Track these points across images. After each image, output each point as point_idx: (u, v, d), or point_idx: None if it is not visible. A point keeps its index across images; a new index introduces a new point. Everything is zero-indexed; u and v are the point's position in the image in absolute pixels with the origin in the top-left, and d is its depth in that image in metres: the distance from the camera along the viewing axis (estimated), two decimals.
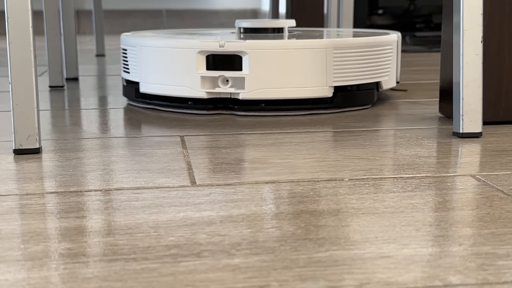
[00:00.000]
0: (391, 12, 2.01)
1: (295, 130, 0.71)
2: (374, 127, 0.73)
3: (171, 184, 0.51)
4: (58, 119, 0.78)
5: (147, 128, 0.72)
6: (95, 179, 0.52)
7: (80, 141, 0.66)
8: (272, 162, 0.57)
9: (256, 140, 0.66)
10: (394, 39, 0.87)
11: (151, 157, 0.59)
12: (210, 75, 0.78)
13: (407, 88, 0.98)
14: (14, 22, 0.59)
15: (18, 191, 0.49)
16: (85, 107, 0.86)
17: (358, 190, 0.49)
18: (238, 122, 0.76)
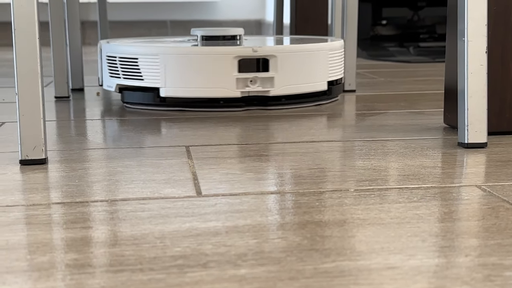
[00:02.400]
0: (395, 23, 2.01)
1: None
2: (379, 137, 0.73)
3: (177, 195, 0.51)
4: (63, 130, 0.78)
5: (153, 138, 0.73)
6: (101, 190, 0.52)
7: (86, 152, 0.66)
8: (277, 173, 0.57)
9: (262, 150, 0.66)
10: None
11: (156, 168, 0.60)
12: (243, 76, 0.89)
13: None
14: (21, 33, 0.59)
15: (25, 201, 0.49)
16: (90, 118, 0.87)
17: (363, 200, 0.49)
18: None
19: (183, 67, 0.89)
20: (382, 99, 1.02)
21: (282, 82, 0.91)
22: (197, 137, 0.73)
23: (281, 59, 0.90)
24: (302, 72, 0.92)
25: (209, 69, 0.89)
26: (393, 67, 1.53)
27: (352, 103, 0.98)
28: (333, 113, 0.89)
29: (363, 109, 0.92)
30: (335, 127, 0.79)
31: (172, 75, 0.90)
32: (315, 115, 0.88)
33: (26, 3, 0.59)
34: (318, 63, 0.94)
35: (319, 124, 0.81)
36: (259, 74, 0.89)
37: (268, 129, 0.78)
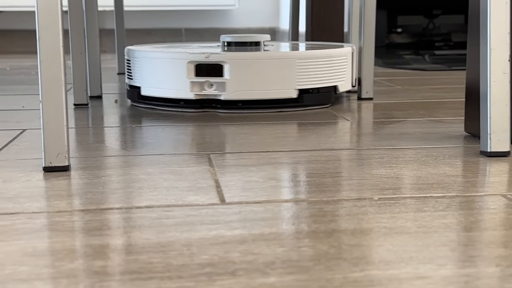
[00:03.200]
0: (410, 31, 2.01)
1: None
2: (399, 145, 0.72)
3: (201, 202, 0.51)
4: (83, 137, 0.79)
5: (173, 146, 0.73)
6: (125, 197, 0.52)
7: (107, 159, 0.67)
8: (301, 180, 0.57)
9: (283, 157, 0.66)
10: (348, 51, 1.05)
11: (178, 175, 0.60)
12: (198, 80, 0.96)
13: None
14: (45, 42, 0.59)
15: (50, 208, 0.50)
16: (109, 125, 0.87)
17: (388, 209, 0.49)
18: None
19: (154, 69, 1.00)
20: (400, 107, 1.01)
21: (235, 87, 0.96)
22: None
23: (233, 65, 0.95)
24: (259, 79, 0.96)
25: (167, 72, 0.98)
26: (409, 75, 1.52)
27: (369, 111, 0.98)
28: (352, 121, 0.88)
29: (381, 117, 0.92)
30: (354, 135, 0.79)
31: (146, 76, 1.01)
32: (333, 123, 0.88)
33: (51, 12, 0.59)
34: (281, 71, 0.97)
35: (338, 132, 0.81)
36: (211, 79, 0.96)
37: (287, 137, 0.78)
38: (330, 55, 1.01)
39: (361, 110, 0.99)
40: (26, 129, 0.84)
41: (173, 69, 0.97)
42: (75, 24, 1.04)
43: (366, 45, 1.11)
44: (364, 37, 1.10)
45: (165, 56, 0.97)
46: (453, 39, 2.00)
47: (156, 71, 0.98)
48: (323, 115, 0.94)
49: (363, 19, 1.10)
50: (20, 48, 2.47)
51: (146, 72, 1.00)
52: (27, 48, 2.48)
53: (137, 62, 1.01)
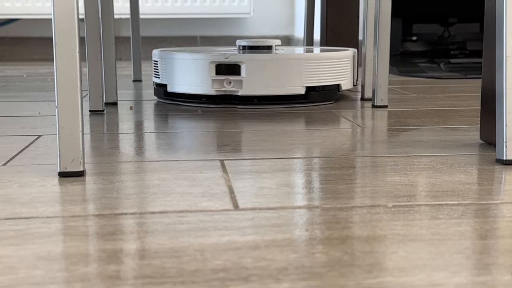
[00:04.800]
0: (425, 39, 2.00)
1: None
2: (414, 153, 0.72)
3: (214, 208, 0.51)
4: (98, 143, 0.79)
5: (186, 152, 0.73)
6: (139, 202, 0.53)
7: (122, 165, 0.67)
8: (314, 187, 0.57)
9: (296, 164, 0.66)
10: (350, 54, 1.18)
11: (192, 181, 0.60)
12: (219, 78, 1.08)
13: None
14: (61, 49, 0.60)
15: (65, 213, 0.50)
16: (124, 131, 0.88)
17: (402, 216, 0.49)
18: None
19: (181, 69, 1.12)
20: (415, 115, 1.01)
21: (251, 85, 1.07)
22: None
23: (249, 65, 1.07)
24: (272, 77, 1.07)
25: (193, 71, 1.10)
26: (424, 83, 1.51)
27: (384, 119, 0.98)
28: (366, 128, 0.88)
29: (396, 125, 0.92)
30: (368, 142, 0.79)
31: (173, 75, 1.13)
32: (348, 129, 0.87)
33: (67, 20, 0.60)
34: (291, 70, 1.08)
35: (353, 139, 0.81)
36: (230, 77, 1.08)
37: (301, 143, 0.78)
38: (333, 57, 1.13)
39: (376, 117, 0.99)
40: (41, 135, 0.84)
41: (196, 69, 1.09)
42: (91, 31, 1.04)
43: (381, 53, 1.10)
44: (379, 45, 1.10)
45: (190, 57, 1.10)
46: (469, 48, 1.99)
47: (181, 70, 1.11)
48: (338, 122, 0.94)
49: (378, 27, 1.10)
50: (36, 55, 2.49)
51: (172, 72, 1.12)
52: (43, 56, 2.50)
53: (164, 62, 1.13)
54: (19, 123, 0.94)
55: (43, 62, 2.36)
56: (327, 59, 1.12)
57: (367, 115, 1.01)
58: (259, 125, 0.92)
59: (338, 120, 0.96)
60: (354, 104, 1.14)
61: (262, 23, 2.63)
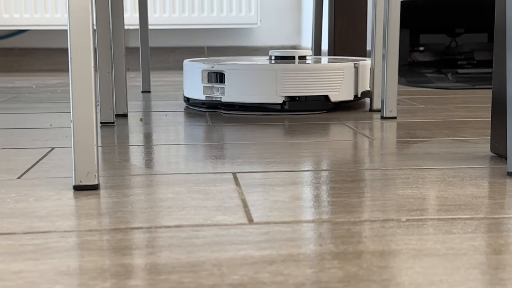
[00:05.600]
0: (432, 49, 2.01)
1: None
2: (425, 165, 0.72)
3: (229, 222, 0.51)
4: (110, 155, 0.80)
5: (198, 165, 0.73)
6: (155, 216, 0.53)
7: (135, 178, 0.68)
8: (328, 201, 0.58)
9: (308, 177, 0.67)
10: (348, 66, 1.21)
11: (206, 194, 0.60)
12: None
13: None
14: (76, 63, 0.61)
15: (81, 227, 0.50)
16: (135, 143, 0.88)
17: (417, 230, 0.49)
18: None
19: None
20: (424, 126, 1.01)
21: (232, 92, 1.17)
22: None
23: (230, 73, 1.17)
24: (250, 85, 1.16)
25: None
26: (432, 94, 1.52)
27: (393, 130, 0.98)
28: (376, 140, 0.89)
29: (405, 137, 0.92)
30: (378, 154, 0.79)
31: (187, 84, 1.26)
32: (357, 142, 0.88)
33: (83, 32, 0.61)
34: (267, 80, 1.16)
35: (362, 151, 0.81)
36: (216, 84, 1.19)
37: (312, 155, 0.78)
38: (317, 68, 1.17)
39: (385, 129, 0.99)
40: (54, 147, 0.85)
41: (197, 76, 1.22)
42: (102, 43, 1.05)
43: (390, 63, 1.11)
44: (388, 55, 1.11)
45: (194, 66, 1.22)
46: (476, 58, 1.99)
47: (191, 78, 1.23)
48: (348, 134, 0.94)
49: (387, 37, 1.10)
50: (45, 66, 2.51)
51: (186, 79, 1.26)
52: (52, 66, 2.52)
53: (185, 71, 1.27)
54: (31, 135, 0.95)
55: (51, 73, 2.37)
56: (308, 70, 1.16)
57: (376, 127, 1.02)
58: (269, 137, 0.92)
59: (348, 132, 0.96)
60: (363, 115, 1.15)
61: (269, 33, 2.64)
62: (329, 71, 1.18)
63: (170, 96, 1.51)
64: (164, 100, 1.42)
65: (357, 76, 1.21)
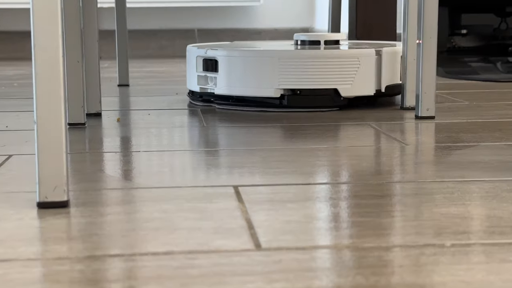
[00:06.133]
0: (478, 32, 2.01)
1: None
2: (472, 177, 0.72)
3: (231, 248, 0.51)
4: (81, 165, 0.80)
5: (189, 176, 0.73)
6: (139, 240, 0.53)
7: (113, 192, 0.68)
8: (352, 221, 0.58)
9: (326, 191, 0.67)
10: (365, 53, 1.20)
11: (201, 213, 0.60)
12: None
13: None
14: (42, 49, 0.61)
15: (49, 254, 0.50)
16: (112, 150, 0.88)
17: (465, 258, 0.49)
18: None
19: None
20: (470, 128, 1.01)
21: (226, 83, 1.20)
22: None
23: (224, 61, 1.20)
24: (245, 75, 1.18)
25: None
26: (478, 88, 1.52)
27: (431, 133, 0.98)
28: (410, 145, 0.89)
29: (446, 141, 0.92)
30: (414, 163, 0.79)
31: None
32: (388, 147, 0.88)
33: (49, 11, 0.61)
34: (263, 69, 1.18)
35: (394, 159, 0.81)
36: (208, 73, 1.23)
37: (332, 164, 0.78)
38: (321, 56, 1.17)
39: (421, 131, 1.00)
40: (12, 155, 0.85)
41: (193, 64, 1.26)
42: (70, 24, 1.06)
43: (426, 50, 1.11)
44: (424, 40, 1.11)
45: (191, 52, 1.27)
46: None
47: (190, 67, 1.28)
48: (373, 138, 0.94)
49: (422, 18, 1.11)
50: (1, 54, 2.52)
51: (187, 69, 1.30)
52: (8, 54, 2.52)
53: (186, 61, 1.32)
54: None
55: (7, 62, 2.38)
56: (310, 58, 1.17)
57: (409, 129, 1.02)
58: (275, 140, 0.92)
59: (374, 135, 0.97)
60: (392, 114, 1.15)
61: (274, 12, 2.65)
62: (337, 60, 1.18)
63: (153, 90, 1.51)
64: (146, 96, 1.42)
65: (380, 66, 1.21)
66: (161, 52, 2.59)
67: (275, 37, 2.63)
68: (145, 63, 2.28)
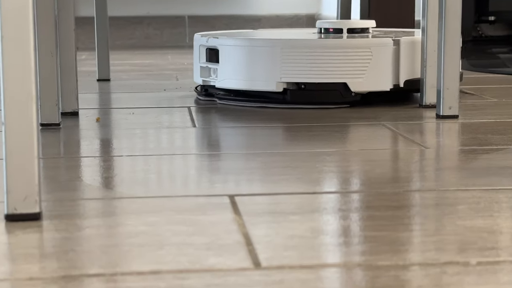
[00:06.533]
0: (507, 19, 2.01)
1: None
2: (501, 184, 0.72)
3: (226, 266, 0.52)
4: (55, 172, 0.80)
5: (178, 184, 0.73)
6: (121, 258, 0.53)
7: (91, 203, 0.68)
8: (365, 236, 0.58)
9: (334, 201, 0.67)
10: (379, 42, 1.21)
11: (192, 226, 0.60)
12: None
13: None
14: (10, 39, 0.61)
15: (18, 274, 0.50)
16: (90, 154, 0.88)
17: (492, 278, 0.49)
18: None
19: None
20: (498, 129, 1.01)
21: (225, 75, 1.23)
22: None
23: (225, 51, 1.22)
24: (244, 66, 1.21)
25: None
26: (508, 83, 1.52)
27: (454, 135, 0.98)
28: (430, 148, 0.89)
29: (472, 144, 0.92)
30: (435, 169, 0.79)
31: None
32: (405, 151, 0.88)
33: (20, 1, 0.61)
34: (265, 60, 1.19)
35: (412, 164, 0.81)
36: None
37: (341, 171, 0.78)
38: (325, 45, 1.19)
39: (443, 132, 1.00)
40: None
41: (196, 55, 1.30)
42: (43, 11, 1.05)
43: (449, 40, 1.11)
44: (446, 28, 1.11)
45: (196, 40, 1.31)
46: None
47: (195, 57, 1.32)
48: (388, 140, 0.94)
49: (444, 3, 1.11)
50: None
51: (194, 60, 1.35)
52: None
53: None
54: None
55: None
56: (314, 48, 1.18)
57: (430, 130, 1.02)
58: (277, 143, 0.93)
59: (389, 137, 0.97)
60: (410, 113, 1.15)
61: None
62: (345, 50, 1.19)
63: (138, 86, 1.51)
64: (130, 92, 1.42)
65: (398, 58, 1.21)
66: (147, 42, 2.59)
67: (276, 24, 2.63)
68: (129, 55, 2.28)
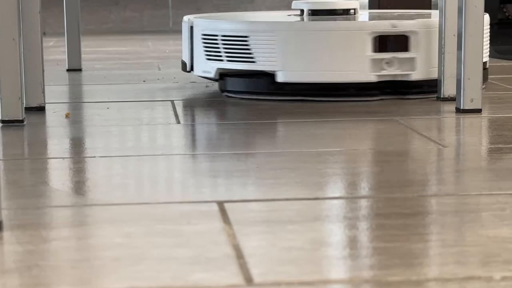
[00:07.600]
0: None
1: None
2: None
3: (214, 283, 0.52)
4: (17, 175, 0.80)
5: (159, 189, 0.74)
6: (94, 274, 0.53)
7: (59, 211, 0.68)
8: (374, 247, 0.58)
9: (339, 207, 0.67)
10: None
11: (176, 238, 0.60)
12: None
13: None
14: None
15: None
16: (58, 155, 0.88)
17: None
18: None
19: (305, 46, 1.23)
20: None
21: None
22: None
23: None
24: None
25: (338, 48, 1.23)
26: None
27: (477, 131, 0.99)
28: (449, 147, 0.89)
29: (496, 142, 0.92)
30: (453, 170, 0.79)
31: (292, 56, 1.23)
32: (419, 150, 0.88)
33: None
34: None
35: (427, 165, 0.81)
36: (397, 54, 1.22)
37: (346, 173, 0.78)
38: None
39: (463, 129, 1.00)
40: None
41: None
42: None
43: (471, 23, 1.11)
44: (467, 10, 1.11)
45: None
46: None
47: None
48: (401, 138, 0.94)
49: None
50: None
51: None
52: None
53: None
54: None
55: None
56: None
57: (448, 126, 1.02)
58: (271, 140, 0.93)
59: (404, 135, 0.97)
60: (426, 107, 1.15)
61: None
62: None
63: (113, 77, 1.51)
64: (104, 84, 1.42)
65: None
66: (124, 26, 2.59)
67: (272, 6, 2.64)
68: (103, 41, 2.28)
